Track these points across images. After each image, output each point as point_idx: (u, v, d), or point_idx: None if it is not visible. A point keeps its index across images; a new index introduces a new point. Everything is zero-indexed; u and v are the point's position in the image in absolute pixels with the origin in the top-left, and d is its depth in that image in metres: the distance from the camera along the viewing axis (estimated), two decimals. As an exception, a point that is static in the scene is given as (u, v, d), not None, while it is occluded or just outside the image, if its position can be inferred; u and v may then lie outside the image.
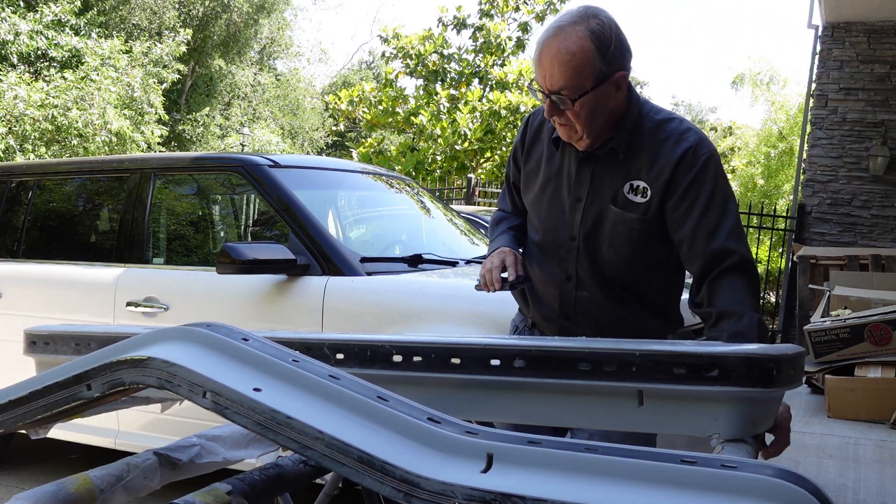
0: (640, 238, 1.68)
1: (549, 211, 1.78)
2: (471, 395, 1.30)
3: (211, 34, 20.23)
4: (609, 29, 1.62)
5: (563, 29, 1.60)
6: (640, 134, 1.69)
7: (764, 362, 1.11)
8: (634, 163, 1.68)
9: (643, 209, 1.67)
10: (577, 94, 1.59)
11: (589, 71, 1.58)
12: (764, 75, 16.91)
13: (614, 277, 1.73)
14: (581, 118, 1.63)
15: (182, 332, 1.11)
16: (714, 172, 1.66)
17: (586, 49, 1.58)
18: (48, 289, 3.44)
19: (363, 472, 0.89)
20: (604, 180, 1.71)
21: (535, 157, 1.83)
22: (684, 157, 1.64)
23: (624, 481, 0.80)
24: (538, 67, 1.63)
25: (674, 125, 1.70)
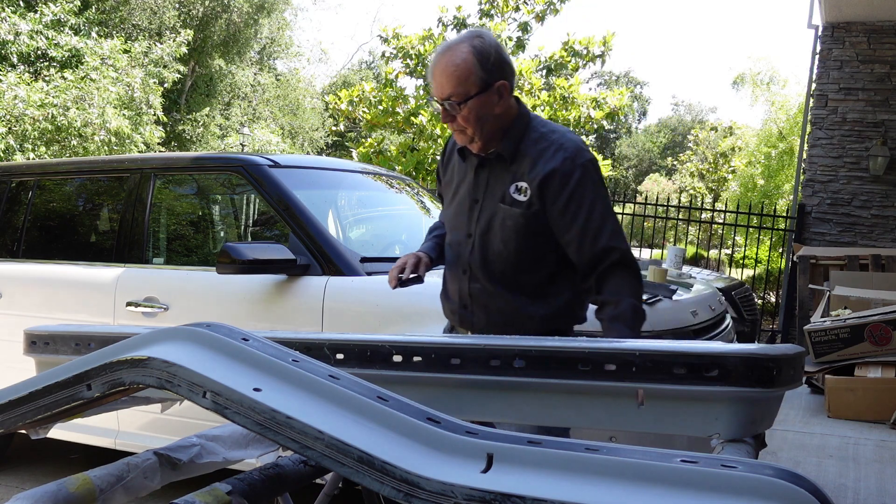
0: (525, 232, 1.91)
1: (455, 213, 2.06)
2: (471, 395, 1.30)
3: (211, 34, 20.22)
4: (489, 46, 1.89)
5: (450, 47, 1.90)
6: (525, 142, 1.94)
7: (764, 362, 1.11)
8: (520, 166, 1.93)
9: (525, 205, 1.91)
10: (462, 98, 1.87)
11: (472, 79, 1.86)
12: (764, 75, 16.91)
13: (503, 270, 1.95)
14: (470, 121, 1.89)
15: (182, 332, 1.11)
16: (592, 179, 1.90)
17: (469, 61, 1.86)
18: (48, 289, 3.44)
19: (363, 472, 0.89)
20: (495, 183, 1.96)
21: (450, 170, 2.11)
22: (563, 164, 1.88)
23: (624, 481, 0.80)
24: (432, 80, 1.92)
25: (556, 136, 1.94)
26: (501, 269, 1.95)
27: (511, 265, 1.95)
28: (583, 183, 1.88)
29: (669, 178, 29.51)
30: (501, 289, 1.96)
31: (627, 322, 1.82)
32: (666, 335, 2.57)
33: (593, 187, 1.90)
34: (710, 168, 24.78)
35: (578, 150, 1.91)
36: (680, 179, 26.79)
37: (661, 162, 37.63)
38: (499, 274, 1.96)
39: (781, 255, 10.03)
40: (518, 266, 1.94)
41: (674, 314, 2.74)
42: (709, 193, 22.68)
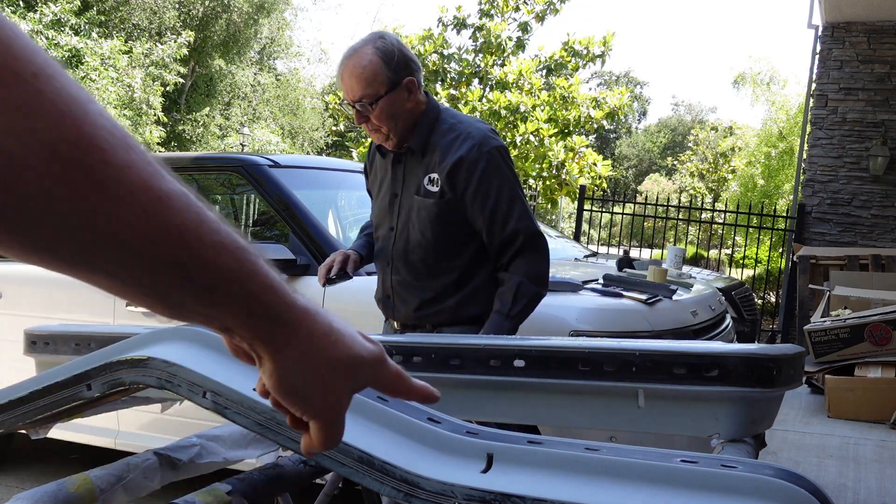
0: (440, 221, 1.99)
1: (380, 209, 2.14)
2: (471, 395, 1.30)
3: (211, 34, 20.22)
4: (392, 45, 1.96)
5: (355, 50, 1.96)
6: (435, 135, 2.01)
7: (764, 362, 1.11)
8: (431, 158, 2.01)
9: (438, 195, 1.99)
10: (373, 99, 1.93)
11: (380, 79, 1.93)
12: (764, 75, 16.92)
13: (422, 259, 2.03)
14: (383, 120, 1.96)
15: (182, 332, 1.11)
16: (498, 165, 1.98)
17: (374, 62, 1.93)
18: (48, 289, 3.44)
19: (363, 472, 0.89)
20: (411, 176, 2.05)
21: (374, 168, 2.20)
22: (469, 152, 1.96)
23: (624, 481, 0.80)
24: (342, 85, 1.98)
25: (464, 126, 2.02)
26: (421, 258, 2.03)
27: (430, 254, 2.02)
28: (489, 170, 1.96)
29: (669, 178, 29.52)
30: (421, 278, 2.04)
31: (506, 298, 1.94)
32: (666, 335, 2.57)
33: (499, 173, 1.98)
34: (710, 168, 24.79)
35: (485, 138, 1.99)
36: (680, 179, 26.80)
37: (661, 162, 37.63)
38: (419, 263, 2.04)
39: (781, 255, 10.03)
40: (437, 255, 2.02)
41: (674, 314, 2.74)
42: (709, 193, 22.68)
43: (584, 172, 11.56)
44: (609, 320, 2.57)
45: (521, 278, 1.96)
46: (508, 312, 1.94)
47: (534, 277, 1.98)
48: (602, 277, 2.98)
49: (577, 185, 10.88)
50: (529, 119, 11.33)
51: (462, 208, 1.98)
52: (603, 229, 16.38)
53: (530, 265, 1.99)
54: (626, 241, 15.72)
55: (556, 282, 2.71)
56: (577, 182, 11.10)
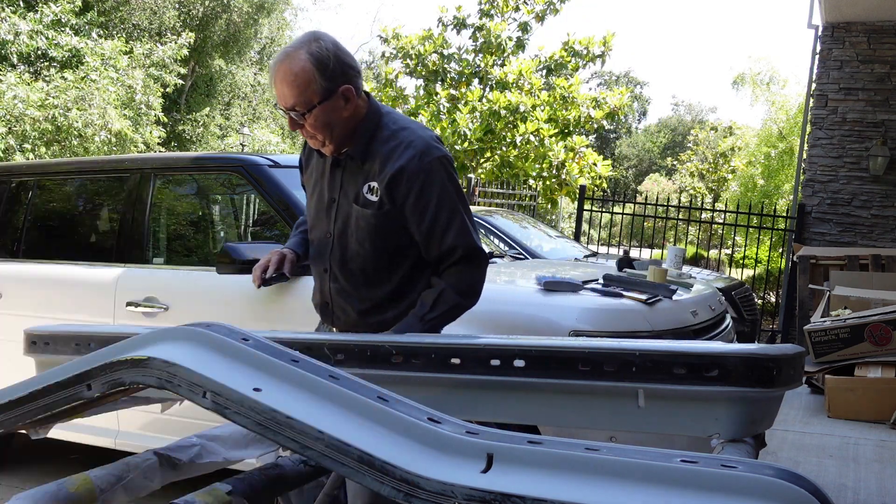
0: (379, 232, 1.92)
1: (315, 212, 2.05)
2: (471, 395, 1.30)
3: (211, 34, 20.21)
4: (328, 51, 1.84)
5: (288, 54, 1.83)
6: (376, 141, 1.91)
7: (764, 362, 1.11)
8: (371, 166, 1.91)
9: (377, 206, 1.90)
10: (307, 107, 1.83)
11: (314, 87, 1.82)
12: (764, 75, 16.91)
13: (362, 269, 1.96)
14: (318, 128, 1.87)
15: (182, 332, 1.11)
16: (440, 176, 1.89)
17: (307, 69, 1.81)
18: (48, 289, 3.44)
19: (363, 472, 0.89)
20: (349, 183, 1.95)
21: (310, 168, 2.10)
22: (409, 162, 1.87)
23: (624, 481, 0.80)
24: (274, 90, 1.88)
25: (406, 133, 1.91)
26: (360, 267, 1.96)
27: (369, 264, 1.95)
28: (430, 181, 1.87)
29: (669, 178, 29.52)
30: (360, 287, 1.98)
31: (426, 301, 1.89)
32: (666, 335, 2.57)
33: (441, 185, 1.89)
34: (710, 168, 24.79)
35: (427, 147, 1.89)
36: (680, 179, 26.80)
37: (661, 162, 37.63)
38: (358, 272, 1.97)
39: (781, 255, 10.03)
40: (376, 265, 1.95)
41: (674, 314, 2.74)
42: (709, 193, 22.68)
43: (584, 172, 11.56)
44: (609, 320, 2.57)
45: (447, 286, 1.91)
46: (423, 316, 1.88)
47: (460, 288, 1.93)
48: (602, 277, 2.98)
49: (577, 185, 10.88)
50: (529, 119, 11.33)
51: (401, 219, 1.91)
52: (603, 229, 16.38)
53: (462, 276, 1.93)
54: (626, 241, 15.72)
55: (556, 282, 2.71)
56: (577, 182, 11.10)
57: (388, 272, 1.96)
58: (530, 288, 2.76)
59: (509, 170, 11.39)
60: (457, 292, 1.92)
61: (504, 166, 11.49)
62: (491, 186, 10.60)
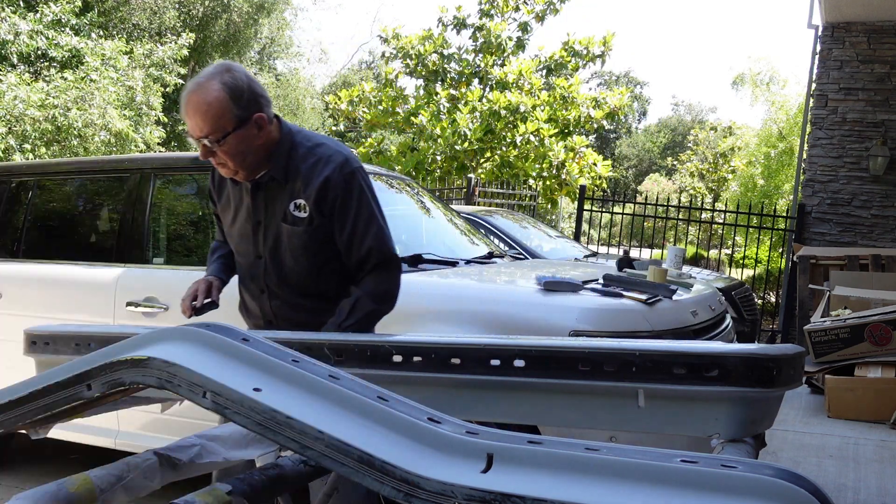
0: (312, 246, 1.99)
1: (240, 237, 2.09)
2: (471, 395, 1.30)
3: (211, 34, 20.21)
4: (241, 80, 1.89)
5: (200, 84, 1.87)
6: (295, 160, 1.99)
7: (764, 362, 1.11)
8: (295, 184, 1.98)
9: (307, 222, 1.98)
10: (220, 136, 1.86)
11: (228, 116, 1.86)
12: (764, 75, 16.90)
13: (300, 284, 2.03)
14: (230, 156, 1.90)
15: (182, 332, 1.11)
16: (359, 187, 2.00)
17: (221, 99, 1.85)
18: (48, 289, 3.44)
19: (363, 472, 0.89)
20: (275, 203, 2.00)
21: (224, 194, 2.13)
22: (331, 176, 1.96)
23: (624, 481, 0.80)
24: (186, 119, 1.90)
25: (322, 150, 2.00)
26: (300, 282, 2.04)
27: (309, 277, 2.03)
28: (350, 192, 1.98)
29: (669, 178, 29.51)
30: (303, 299, 2.05)
31: (343, 309, 1.96)
32: (666, 335, 2.57)
33: (359, 195, 2.00)
34: (710, 168, 24.78)
35: (345, 161, 1.99)
36: (680, 179, 26.79)
37: (661, 162, 37.63)
38: (299, 287, 2.04)
39: (781, 255, 10.03)
40: (316, 276, 2.03)
41: (674, 314, 2.74)
42: (709, 193, 22.68)
43: (584, 172, 11.56)
44: (609, 320, 2.57)
45: (363, 294, 1.98)
46: (340, 323, 1.94)
47: (376, 295, 2.00)
48: (602, 277, 2.98)
49: (577, 185, 10.88)
50: (529, 119, 11.33)
51: (330, 230, 1.99)
52: (603, 229, 16.37)
53: (377, 283, 2.01)
54: (626, 241, 15.72)
55: (556, 282, 2.71)
56: (577, 182, 11.10)
57: (325, 281, 2.04)
58: (530, 288, 2.76)
59: (509, 170, 11.39)
60: (372, 299, 1.99)
61: (504, 166, 11.49)
62: (491, 186, 10.60)
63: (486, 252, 3.73)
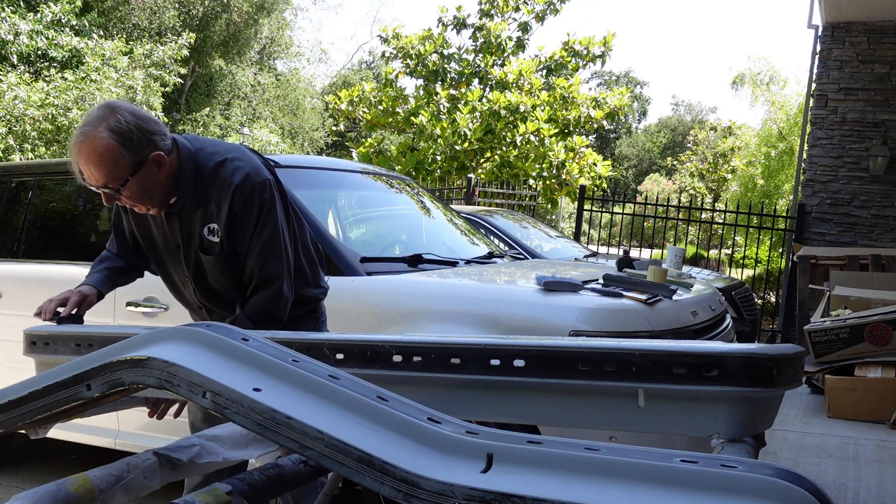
0: (228, 270, 1.99)
1: (162, 257, 2.09)
2: (471, 395, 1.30)
3: (211, 34, 20.22)
4: (128, 122, 1.80)
5: (87, 134, 1.78)
6: (201, 184, 1.94)
7: (764, 362, 1.11)
8: (207, 208, 1.95)
9: (219, 247, 1.97)
10: (119, 183, 1.82)
11: (122, 164, 1.79)
12: (764, 75, 16.90)
13: (231, 299, 2.04)
14: (135, 198, 1.87)
15: (182, 332, 1.11)
16: (258, 203, 1.93)
17: (111, 147, 1.77)
18: (48, 289, 3.42)
19: (363, 471, 0.89)
20: (189, 228, 1.99)
21: (137, 218, 2.08)
22: (234, 195, 1.91)
23: (624, 481, 0.80)
24: (81, 168, 1.83)
25: (226, 168, 1.94)
26: (229, 297, 2.05)
27: (235, 292, 2.03)
28: (248, 210, 1.94)
29: (669, 178, 29.50)
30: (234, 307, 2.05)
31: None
32: (666, 335, 2.57)
33: (257, 211, 1.94)
34: (709, 168, 24.78)
35: (247, 177, 1.93)
36: (680, 179, 26.78)
37: (661, 162, 37.62)
38: (230, 300, 2.05)
39: (781, 255, 10.03)
40: (241, 291, 2.03)
41: (674, 314, 2.74)
42: (709, 193, 22.68)
43: (584, 172, 11.56)
44: (609, 320, 2.57)
45: (241, 314, 1.98)
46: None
47: (253, 316, 1.98)
48: (602, 277, 2.98)
49: (577, 185, 10.88)
50: (529, 119, 11.33)
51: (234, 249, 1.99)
52: (603, 229, 16.37)
53: (256, 304, 1.99)
54: (626, 241, 15.71)
55: (556, 282, 2.71)
56: (578, 182, 11.10)
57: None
58: (530, 288, 2.76)
59: (509, 170, 11.39)
60: (249, 319, 1.97)
61: (504, 166, 11.49)
62: (491, 186, 10.60)
63: (486, 252, 3.73)
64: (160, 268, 2.15)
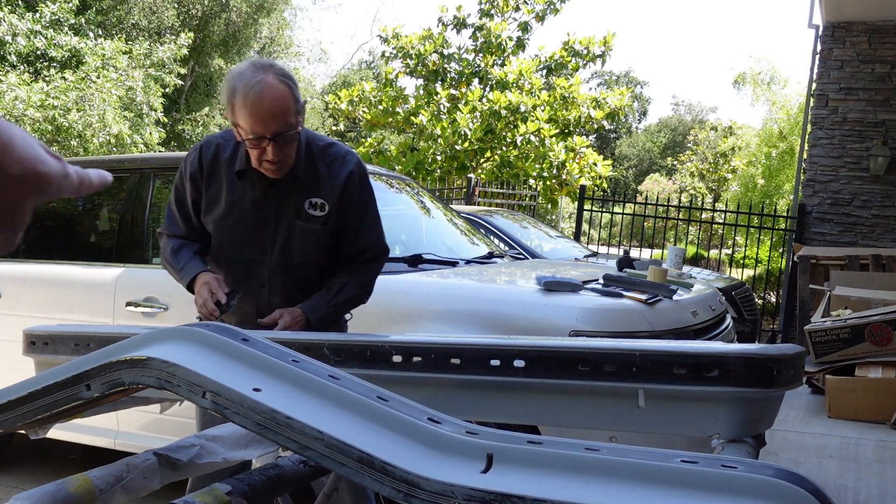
0: (323, 242, 2.07)
1: (236, 231, 2.07)
2: (471, 395, 1.30)
3: (210, 34, 20.22)
4: (290, 73, 1.93)
5: (261, 80, 1.85)
6: (310, 159, 2.04)
7: (764, 362, 1.11)
8: (312, 183, 2.03)
9: (322, 220, 2.04)
10: (292, 129, 1.90)
11: (293, 110, 1.90)
12: (764, 75, 16.90)
13: (304, 278, 2.08)
14: (289, 152, 1.94)
15: (182, 332, 1.11)
16: (369, 184, 2.12)
17: (286, 93, 1.88)
18: (48, 289, 3.44)
19: (363, 472, 0.89)
20: (287, 200, 2.03)
21: (215, 184, 2.09)
22: (350, 177, 2.06)
23: (624, 481, 0.80)
24: (252, 118, 1.85)
25: (335, 150, 2.09)
26: (304, 275, 2.09)
27: (314, 271, 2.09)
28: (364, 189, 2.09)
29: (669, 178, 29.50)
30: (300, 294, 2.07)
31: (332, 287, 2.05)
32: (666, 335, 2.57)
33: (368, 192, 2.12)
34: (710, 168, 24.78)
35: (358, 160, 2.10)
36: (680, 179, 26.79)
37: (661, 162, 37.63)
38: (302, 281, 2.08)
39: (782, 255, 10.03)
40: (320, 270, 2.10)
41: (674, 314, 2.74)
42: (709, 193, 22.68)
43: (585, 172, 11.56)
44: (609, 320, 2.57)
45: (352, 279, 2.08)
46: (329, 300, 2.04)
47: (362, 284, 2.11)
48: (602, 277, 2.97)
49: (577, 185, 10.88)
50: (530, 119, 11.33)
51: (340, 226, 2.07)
52: (603, 229, 16.37)
53: (367, 273, 2.12)
54: (626, 241, 15.71)
55: (556, 282, 2.71)
56: (578, 182, 11.10)
57: (324, 275, 2.11)
58: (530, 288, 2.76)
59: (509, 170, 11.39)
60: (359, 286, 2.10)
61: (504, 166, 11.49)
62: (491, 186, 10.60)
63: (486, 252, 3.73)
64: (231, 243, 2.10)
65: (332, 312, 2.07)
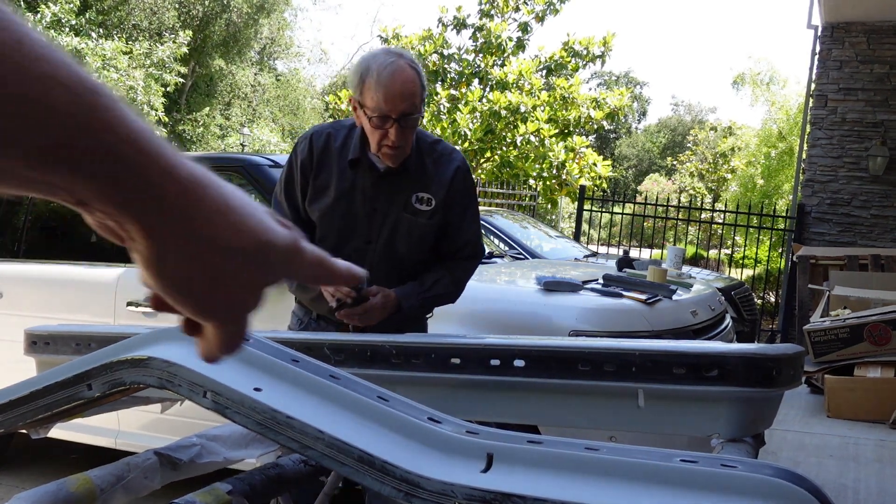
0: (429, 238, 2.09)
1: (344, 220, 2.08)
2: (471, 395, 1.31)
3: (211, 34, 20.22)
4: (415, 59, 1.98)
5: (397, 64, 1.92)
6: (418, 154, 2.07)
7: (763, 362, 1.11)
8: (419, 177, 2.06)
9: (429, 215, 2.06)
10: (416, 113, 1.94)
11: (420, 92, 1.95)
12: (764, 75, 16.91)
13: (406, 270, 2.09)
14: (409, 135, 1.97)
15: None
16: (472, 184, 2.16)
17: (416, 78, 1.94)
18: (48, 289, 3.44)
19: (363, 471, 0.89)
20: (396, 193, 2.05)
21: (324, 173, 2.09)
22: (456, 174, 2.09)
23: (624, 481, 0.80)
24: (383, 95, 1.89)
25: (442, 146, 2.12)
26: (407, 268, 2.10)
27: (416, 265, 2.10)
28: (470, 187, 2.13)
29: (669, 178, 29.51)
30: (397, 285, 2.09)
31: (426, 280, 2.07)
32: (666, 335, 2.57)
33: (473, 190, 2.16)
34: (709, 168, 24.79)
35: (463, 159, 2.14)
36: (680, 179, 26.79)
37: (661, 162, 37.63)
38: (404, 273, 2.10)
39: (781, 255, 10.03)
40: (419, 265, 2.11)
41: (674, 314, 2.74)
42: (709, 193, 22.69)
43: (585, 173, 11.56)
44: (609, 320, 2.57)
45: (447, 274, 2.09)
46: (422, 293, 2.05)
47: (456, 280, 2.12)
48: (602, 277, 2.98)
49: (577, 185, 10.88)
50: (530, 119, 11.33)
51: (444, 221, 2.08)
52: (603, 229, 16.38)
53: (462, 270, 2.14)
54: (626, 241, 15.72)
55: (556, 282, 2.72)
56: (578, 182, 11.10)
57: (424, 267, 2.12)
58: (530, 288, 2.76)
59: (509, 170, 11.39)
60: (452, 282, 2.11)
61: (504, 166, 11.49)
62: (491, 186, 10.60)
63: (485, 252, 3.73)
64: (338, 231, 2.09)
65: (422, 305, 2.08)
